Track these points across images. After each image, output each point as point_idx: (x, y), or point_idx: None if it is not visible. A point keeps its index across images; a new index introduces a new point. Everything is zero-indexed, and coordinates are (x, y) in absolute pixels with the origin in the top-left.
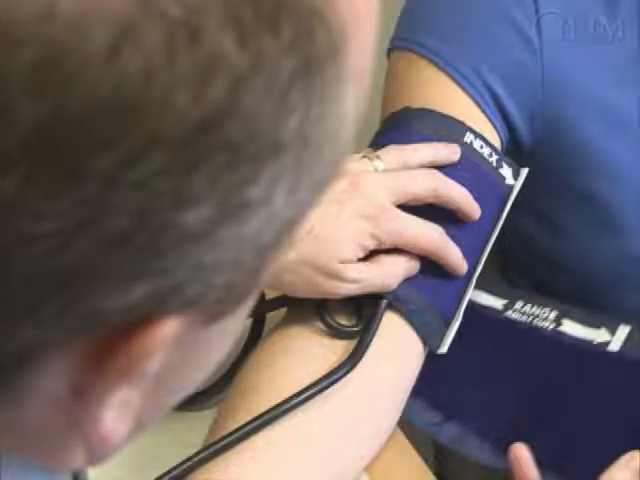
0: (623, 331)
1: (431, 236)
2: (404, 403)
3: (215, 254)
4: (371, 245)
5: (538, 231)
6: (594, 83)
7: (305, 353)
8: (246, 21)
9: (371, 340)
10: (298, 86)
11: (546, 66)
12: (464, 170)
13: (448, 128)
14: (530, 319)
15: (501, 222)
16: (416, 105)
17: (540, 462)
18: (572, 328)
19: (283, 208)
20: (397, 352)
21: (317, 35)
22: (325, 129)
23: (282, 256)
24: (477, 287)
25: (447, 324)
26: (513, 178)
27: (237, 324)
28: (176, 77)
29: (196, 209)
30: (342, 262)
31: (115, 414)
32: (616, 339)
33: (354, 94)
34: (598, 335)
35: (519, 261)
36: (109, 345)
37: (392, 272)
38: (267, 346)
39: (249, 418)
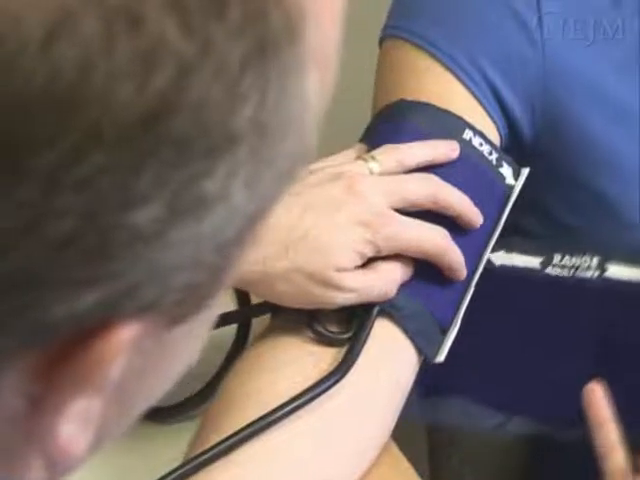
0: None
1: (433, 238)
2: (398, 413)
3: (171, 254)
4: (369, 252)
5: (540, 230)
6: (597, 74)
7: (294, 362)
8: (190, 6)
9: (362, 348)
10: (251, 72)
11: (547, 55)
12: (462, 169)
13: (446, 124)
14: (572, 272)
15: (501, 224)
16: (411, 98)
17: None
18: (618, 271)
19: (243, 203)
20: (389, 360)
21: (270, 16)
22: (285, 118)
23: (247, 253)
24: (509, 250)
25: (444, 332)
26: (513, 178)
27: (204, 326)
28: (116, 67)
29: (146, 208)
30: (339, 270)
31: (75, 426)
32: None
33: (317, 78)
34: None
35: None
36: (62, 354)
37: (390, 279)
38: (253, 354)
39: (234, 430)
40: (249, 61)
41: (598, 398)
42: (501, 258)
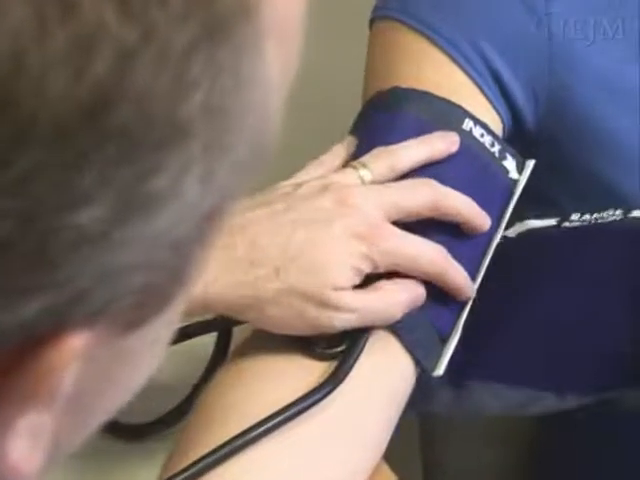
0: None
1: (432, 257)
2: (392, 428)
3: (121, 255)
4: (366, 268)
5: None
6: (608, 57)
7: (281, 374)
8: None
9: (356, 360)
10: (199, 58)
11: (554, 36)
12: (463, 163)
13: (445, 113)
14: (593, 221)
15: (504, 222)
16: (406, 85)
17: None
18: None
19: (199, 198)
20: (384, 373)
21: None
22: (241, 103)
23: (211, 251)
24: (520, 219)
25: (443, 341)
26: (517, 171)
27: (164, 333)
28: (50, 54)
29: (90, 208)
30: (336, 289)
31: (25, 442)
32: None
33: (278, 56)
34: None
35: None
36: (9, 365)
37: (395, 300)
38: (235, 366)
39: (216, 445)
40: (196, 46)
41: None
42: (516, 230)
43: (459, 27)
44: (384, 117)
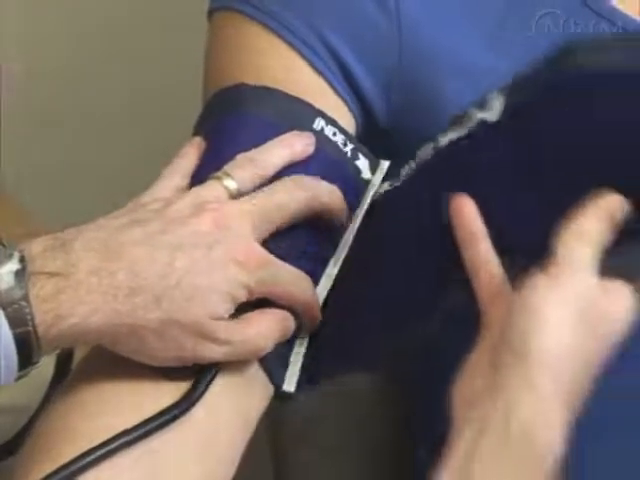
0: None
1: (303, 287)
2: (244, 446)
3: None
4: (242, 297)
5: None
6: (463, 45)
7: (123, 396)
8: None
9: (210, 383)
10: None
11: (404, 24)
12: (316, 165)
13: (293, 113)
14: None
15: (357, 224)
16: (252, 81)
17: None
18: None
19: None
20: (238, 393)
21: None
22: None
23: None
24: None
25: (287, 352)
26: (370, 171)
27: None
28: None
29: None
30: (214, 318)
31: None
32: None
33: None
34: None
35: None
36: None
37: (267, 333)
38: (73, 386)
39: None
40: None
41: (468, 211)
42: None
43: (306, 19)
44: (231, 120)
